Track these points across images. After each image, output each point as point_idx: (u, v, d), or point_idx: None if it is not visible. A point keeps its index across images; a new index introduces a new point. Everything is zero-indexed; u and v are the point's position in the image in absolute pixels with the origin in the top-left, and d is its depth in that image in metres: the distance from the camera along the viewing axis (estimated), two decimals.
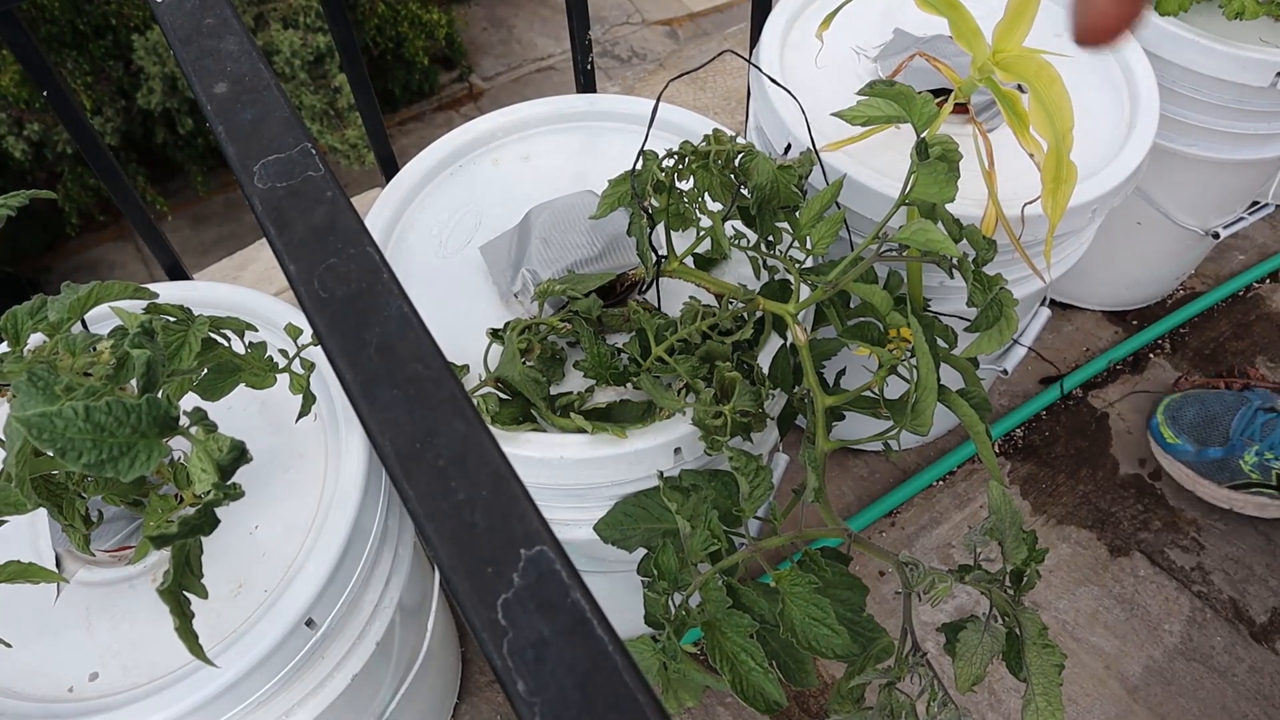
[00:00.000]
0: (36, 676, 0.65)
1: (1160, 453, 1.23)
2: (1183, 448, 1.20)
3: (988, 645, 0.62)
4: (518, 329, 0.71)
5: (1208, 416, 1.20)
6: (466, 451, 0.32)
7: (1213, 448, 1.18)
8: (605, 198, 0.69)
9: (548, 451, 0.70)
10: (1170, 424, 1.21)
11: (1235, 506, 1.19)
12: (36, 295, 0.56)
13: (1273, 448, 1.14)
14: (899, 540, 1.22)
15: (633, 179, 0.68)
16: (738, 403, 0.66)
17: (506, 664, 0.27)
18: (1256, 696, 1.08)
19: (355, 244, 0.38)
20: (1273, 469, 1.14)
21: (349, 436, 0.73)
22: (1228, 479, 1.17)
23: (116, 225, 4.26)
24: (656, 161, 0.68)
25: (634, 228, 0.68)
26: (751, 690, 0.58)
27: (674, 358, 0.69)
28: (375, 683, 0.81)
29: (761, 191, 0.68)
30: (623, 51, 4.86)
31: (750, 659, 0.59)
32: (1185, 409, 1.22)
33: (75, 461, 0.37)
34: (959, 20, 0.78)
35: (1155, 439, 1.23)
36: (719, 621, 0.60)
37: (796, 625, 0.60)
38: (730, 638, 0.59)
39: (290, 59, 3.91)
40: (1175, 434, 1.21)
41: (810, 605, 0.60)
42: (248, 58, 0.45)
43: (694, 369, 0.69)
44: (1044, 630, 0.61)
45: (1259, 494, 1.16)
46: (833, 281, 0.66)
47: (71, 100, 0.89)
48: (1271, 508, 1.17)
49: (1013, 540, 0.62)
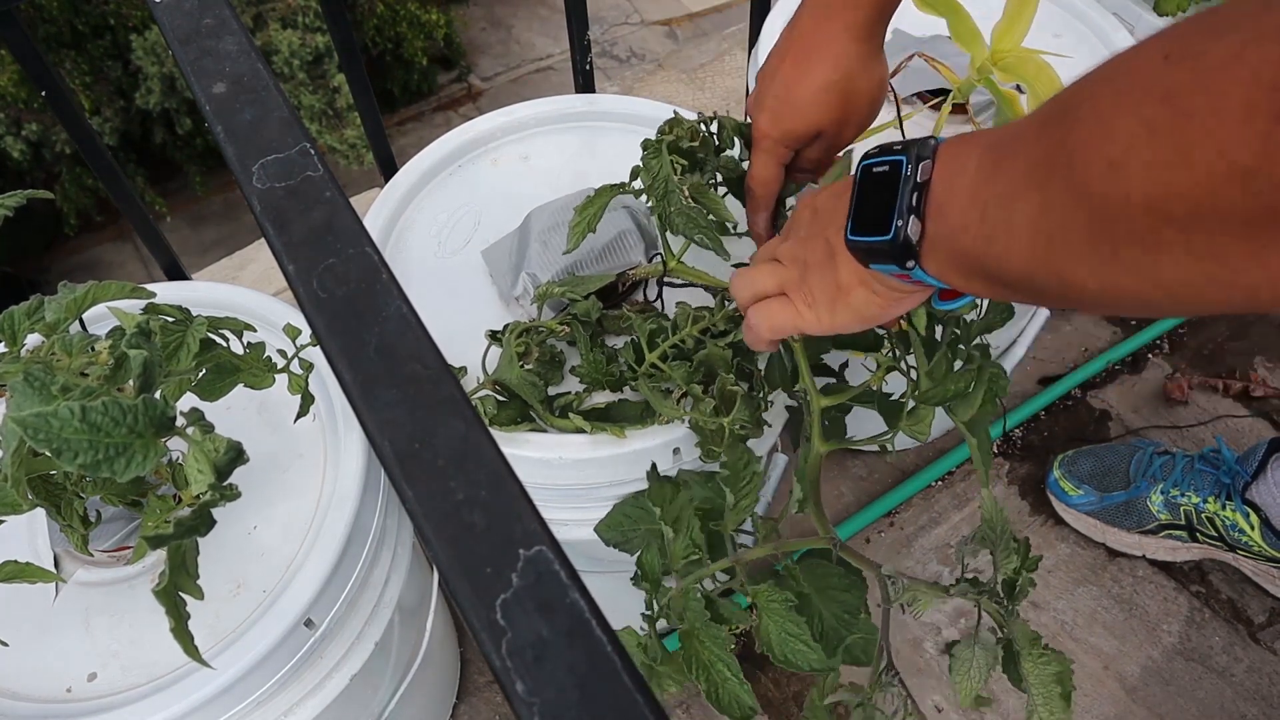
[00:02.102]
0: (35, 677, 0.65)
1: (1064, 509, 1.20)
2: (1085, 498, 1.17)
3: (982, 659, 0.62)
4: (516, 332, 0.71)
5: (1104, 467, 1.17)
6: (465, 452, 0.32)
7: (1116, 492, 1.15)
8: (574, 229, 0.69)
9: (547, 452, 0.70)
10: (1068, 477, 1.19)
11: (1147, 552, 1.16)
12: (34, 295, 0.56)
13: (1177, 484, 1.11)
14: (898, 540, 1.22)
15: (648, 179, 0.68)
16: (738, 415, 0.66)
17: (505, 664, 0.27)
18: (1255, 696, 1.08)
19: (354, 244, 0.38)
20: (1180, 505, 1.11)
21: (348, 437, 0.73)
22: (1135, 524, 1.14)
23: (115, 225, 4.26)
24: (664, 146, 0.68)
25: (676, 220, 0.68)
26: (727, 698, 0.58)
27: (669, 364, 0.69)
28: (374, 683, 0.81)
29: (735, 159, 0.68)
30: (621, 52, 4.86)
31: (726, 669, 0.58)
32: (1080, 462, 1.19)
33: (71, 462, 0.37)
34: (958, 20, 0.78)
35: (1056, 495, 1.20)
36: (696, 631, 0.59)
37: (773, 641, 0.60)
38: (707, 647, 0.59)
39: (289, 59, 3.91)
40: (1075, 485, 1.18)
41: (786, 621, 0.60)
42: (246, 58, 0.45)
43: (689, 374, 0.68)
44: (1037, 639, 0.60)
45: (1169, 537, 1.13)
46: None
47: (70, 100, 0.89)
48: (1182, 550, 1.14)
49: (1004, 549, 0.62)
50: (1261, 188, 0.26)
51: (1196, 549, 1.14)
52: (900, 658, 1.15)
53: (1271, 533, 1.05)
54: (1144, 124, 0.30)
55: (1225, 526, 1.08)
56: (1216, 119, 0.27)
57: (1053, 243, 0.35)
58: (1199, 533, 1.11)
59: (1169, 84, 0.29)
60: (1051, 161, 0.34)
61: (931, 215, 0.42)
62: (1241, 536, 1.07)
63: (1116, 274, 0.33)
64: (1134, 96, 0.30)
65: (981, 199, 0.39)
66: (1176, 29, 0.31)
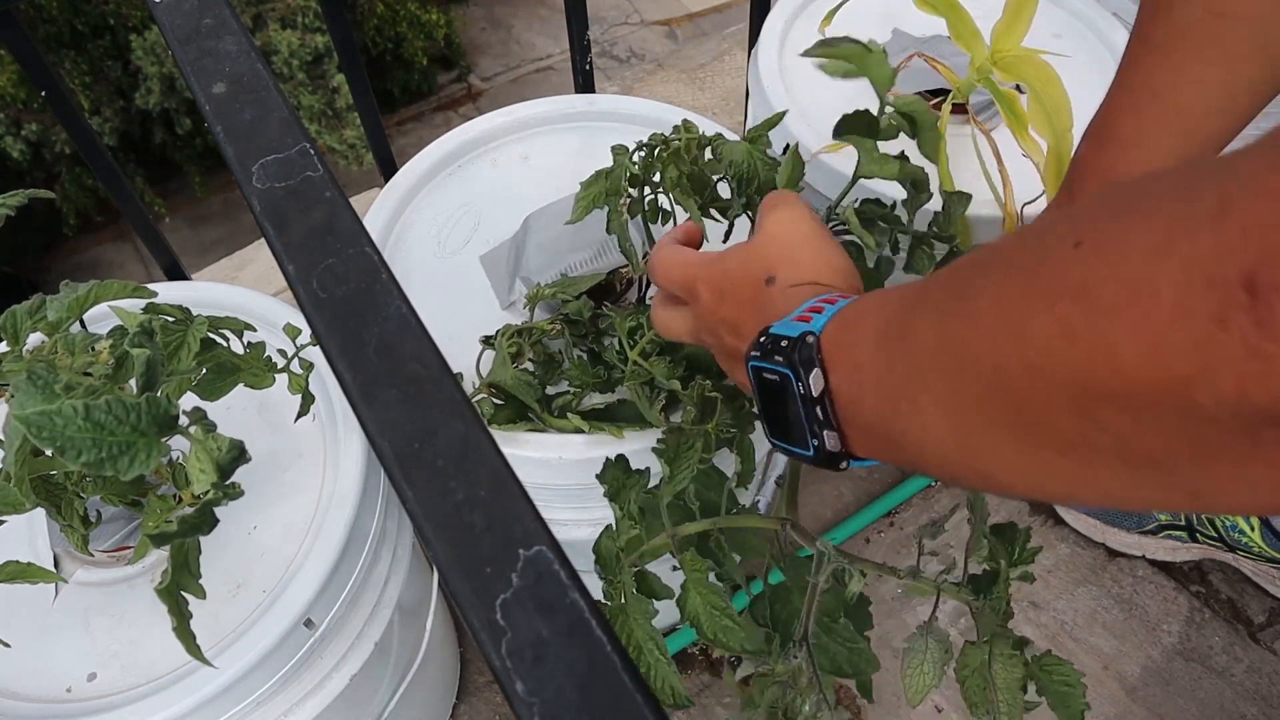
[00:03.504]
0: (35, 677, 0.65)
1: (1064, 508, 1.18)
2: None
3: (935, 653, 0.59)
4: (508, 334, 0.71)
5: None
6: (465, 452, 0.32)
7: None
8: (579, 201, 0.69)
9: (546, 452, 0.70)
10: None
11: (1146, 552, 1.15)
12: (36, 294, 0.56)
13: None
14: (898, 540, 1.22)
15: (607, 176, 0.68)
16: (720, 420, 0.65)
17: (505, 664, 0.27)
18: (1255, 697, 1.08)
19: (354, 244, 0.38)
20: None
21: (347, 437, 0.73)
22: (1135, 524, 1.14)
23: (115, 225, 4.26)
24: (628, 155, 0.68)
25: (612, 224, 0.68)
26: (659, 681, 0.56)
27: (650, 360, 0.68)
28: (374, 683, 0.81)
29: (739, 170, 0.68)
30: (621, 52, 4.86)
31: (655, 648, 0.56)
32: None
33: (75, 460, 0.37)
34: (957, 20, 0.78)
35: None
36: (631, 607, 0.57)
37: (701, 617, 0.57)
38: (640, 624, 0.57)
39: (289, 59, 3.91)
40: None
41: (711, 593, 0.57)
42: (246, 58, 0.45)
43: (670, 370, 0.68)
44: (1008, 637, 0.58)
45: (1169, 537, 1.13)
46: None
47: (70, 100, 0.89)
48: (1182, 550, 1.14)
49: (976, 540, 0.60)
50: (1203, 398, 0.22)
51: (1196, 549, 1.13)
52: (901, 658, 1.15)
53: (1271, 533, 1.05)
54: (1059, 324, 0.26)
55: (1225, 527, 1.08)
56: (1145, 320, 0.23)
57: (970, 441, 0.31)
58: (1199, 533, 1.11)
59: (1083, 277, 0.25)
60: (958, 357, 0.30)
61: (843, 419, 0.38)
62: (1241, 537, 1.07)
63: (1043, 477, 0.29)
64: (1044, 291, 0.27)
65: (890, 397, 0.35)
66: (1084, 210, 0.27)
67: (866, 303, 0.39)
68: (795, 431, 0.40)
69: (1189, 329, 0.22)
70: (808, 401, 0.39)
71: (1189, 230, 0.23)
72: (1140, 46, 0.54)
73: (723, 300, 0.48)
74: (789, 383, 0.39)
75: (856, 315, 0.39)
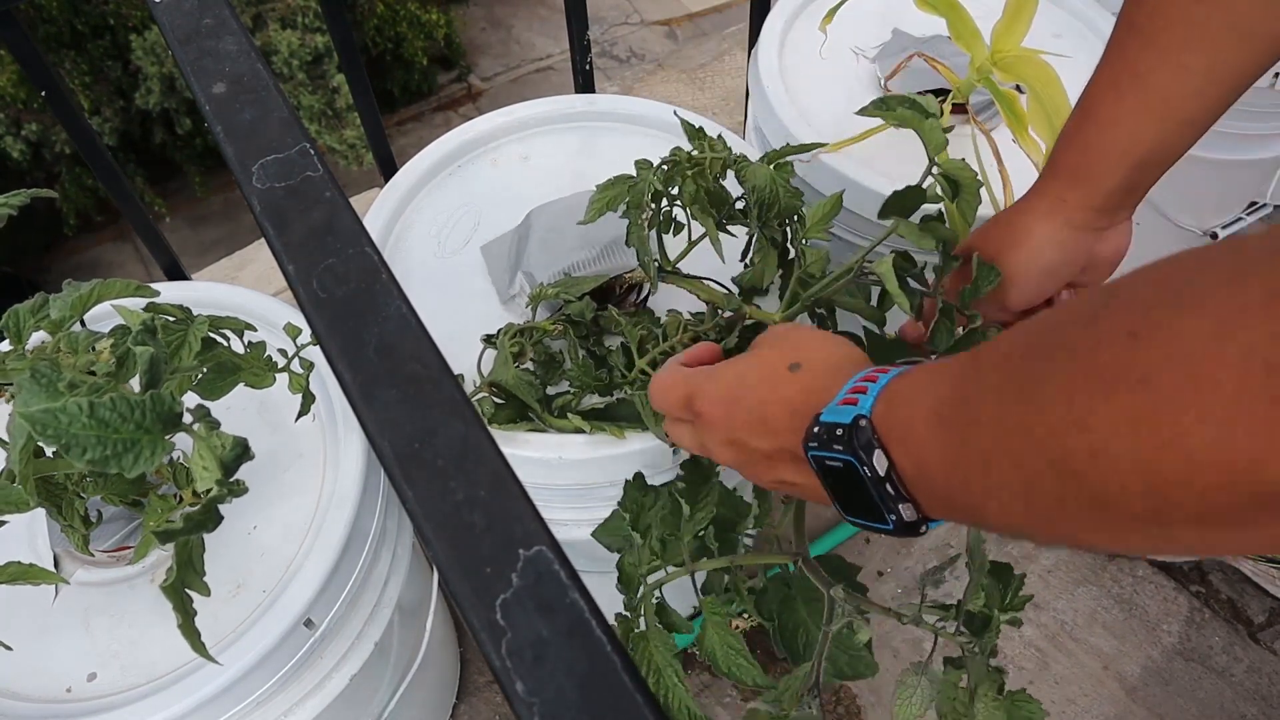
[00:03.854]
0: (35, 677, 0.65)
1: None
2: None
3: (925, 691, 0.61)
4: (510, 334, 0.71)
5: None
6: (465, 452, 0.32)
7: None
8: (594, 202, 0.69)
9: (546, 452, 0.70)
10: None
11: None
12: (38, 293, 0.56)
13: None
14: (898, 541, 1.22)
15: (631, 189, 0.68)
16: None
17: (505, 664, 0.27)
18: (1255, 696, 1.08)
19: (354, 244, 0.38)
20: None
21: (348, 437, 0.73)
22: None
23: (115, 225, 4.26)
24: (651, 169, 0.68)
25: (633, 237, 0.68)
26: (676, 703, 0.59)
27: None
28: (374, 683, 0.81)
29: (760, 194, 0.68)
30: (621, 52, 4.86)
31: (674, 675, 0.59)
32: None
33: (80, 457, 0.37)
34: (957, 20, 0.78)
35: None
36: (651, 635, 0.60)
37: (716, 653, 0.60)
38: (659, 651, 0.59)
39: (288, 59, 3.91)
40: None
41: (727, 635, 0.60)
42: (246, 58, 0.45)
43: None
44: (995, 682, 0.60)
45: None
46: (815, 295, 0.66)
47: (70, 100, 0.89)
48: None
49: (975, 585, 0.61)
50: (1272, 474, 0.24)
51: None
52: (900, 658, 1.15)
53: None
54: (1123, 413, 0.27)
55: None
56: (1210, 408, 0.24)
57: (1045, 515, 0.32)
58: None
59: (1143, 368, 0.26)
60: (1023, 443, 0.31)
61: (914, 491, 0.39)
62: None
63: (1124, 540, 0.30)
64: (1104, 381, 0.27)
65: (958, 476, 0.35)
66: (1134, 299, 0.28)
67: (914, 382, 0.39)
68: (871, 510, 0.40)
69: (1254, 413, 0.23)
70: (877, 482, 0.39)
71: (1242, 318, 0.24)
72: (1125, 29, 0.55)
73: (735, 406, 0.48)
74: (854, 468, 0.39)
75: (906, 395, 0.39)
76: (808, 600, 0.66)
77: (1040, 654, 1.13)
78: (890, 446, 0.39)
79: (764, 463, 0.47)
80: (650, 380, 0.54)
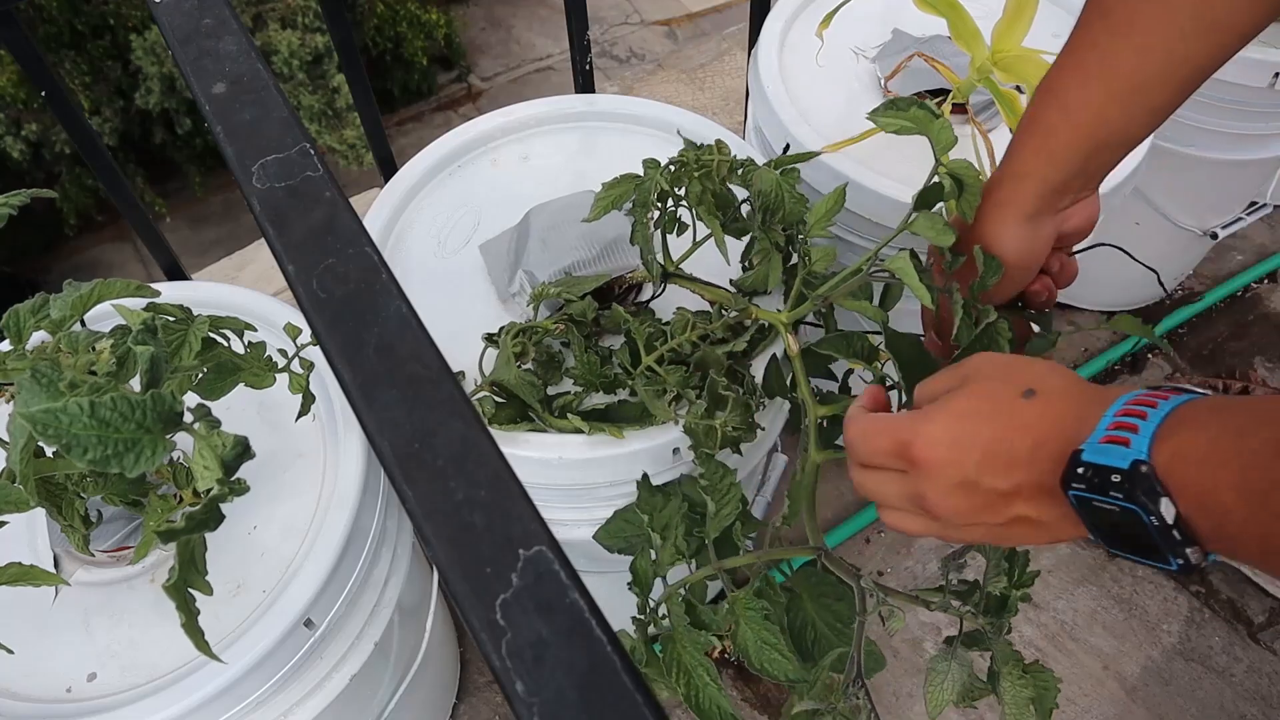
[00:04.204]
0: (35, 677, 0.65)
1: None
2: None
3: (957, 673, 0.61)
4: (512, 333, 0.71)
5: None
6: (465, 452, 0.32)
7: None
8: (599, 200, 0.69)
9: (546, 452, 0.70)
10: None
11: None
12: (38, 293, 0.56)
13: None
14: (898, 541, 1.22)
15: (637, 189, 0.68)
16: (730, 417, 0.66)
17: (505, 664, 0.27)
18: (1254, 697, 1.08)
19: (354, 244, 0.38)
20: None
21: (347, 437, 0.73)
22: None
23: (115, 226, 4.26)
24: (659, 170, 0.68)
25: (638, 236, 0.68)
26: (707, 703, 0.58)
27: (664, 367, 0.69)
28: (374, 683, 0.81)
29: (766, 199, 0.68)
30: (621, 52, 4.86)
31: (705, 674, 0.58)
32: None
33: (81, 457, 0.37)
34: (958, 20, 0.78)
35: None
36: (679, 635, 0.60)
37: (750, 649, 0.60)
38: (689, 651, 0.59)
39: (288, 59, 3.91)
40: None
41: (762, 630, 0.60)
42: (246, 58, 0.45)
43: (684, 379, 0.68)
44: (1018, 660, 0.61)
45: None
46: (823, 295, 0.66)
47: (70, 100, 0.89)
48: None
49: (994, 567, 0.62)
50: None
51: None
52: (900, 658, 1.15)
53: None
54: None
55: None
56: None
57: None
58: None
59: None
60: None
61: (1205, 539, 0.37)
62: None
63: None
64: None
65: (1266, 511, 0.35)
66: None
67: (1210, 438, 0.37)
68: (1149, 551, 0.39)
69: None
70: (1163, 531, 0.38)
71: None
72: (1093, 12, 0.55)
73: (968, 443, 0.44)
74: (1137, 516, 0.38)
75: (1201, 453, 0.37)
76: (814, 597, 0.66)
77: (1040, 654, 1.13)
78: (1180, 498, 0.37)
79: (999, 503, 0.44)
80: (851, 430, 0.50)
